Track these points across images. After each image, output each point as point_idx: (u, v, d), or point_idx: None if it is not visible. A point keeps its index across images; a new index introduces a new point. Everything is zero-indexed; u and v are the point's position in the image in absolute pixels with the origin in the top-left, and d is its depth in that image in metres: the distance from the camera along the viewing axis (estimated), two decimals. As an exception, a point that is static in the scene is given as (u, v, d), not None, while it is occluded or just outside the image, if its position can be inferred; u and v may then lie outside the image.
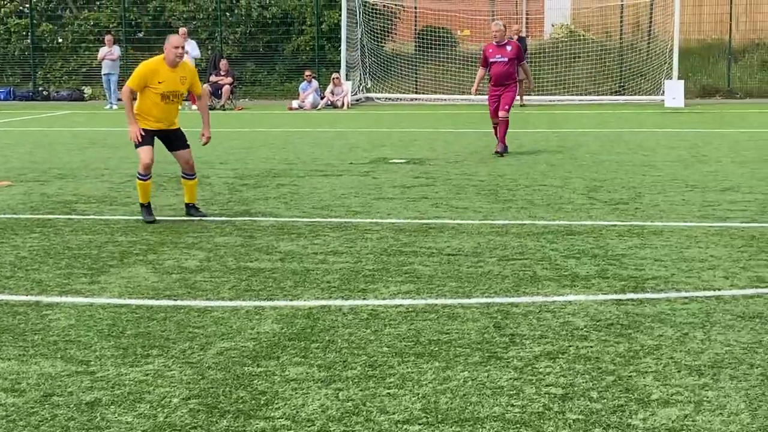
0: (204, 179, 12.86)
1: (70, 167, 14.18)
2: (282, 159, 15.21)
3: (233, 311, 6.52)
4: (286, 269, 7.72)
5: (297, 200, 11.12)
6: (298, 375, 5.23)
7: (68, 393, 4.99)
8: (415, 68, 31.25)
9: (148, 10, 32.45)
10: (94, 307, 6.64)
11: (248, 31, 32.06)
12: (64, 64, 33.04)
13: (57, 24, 33.31)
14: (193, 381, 5.15)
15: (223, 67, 28.15)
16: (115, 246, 8.65)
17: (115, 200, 11.24)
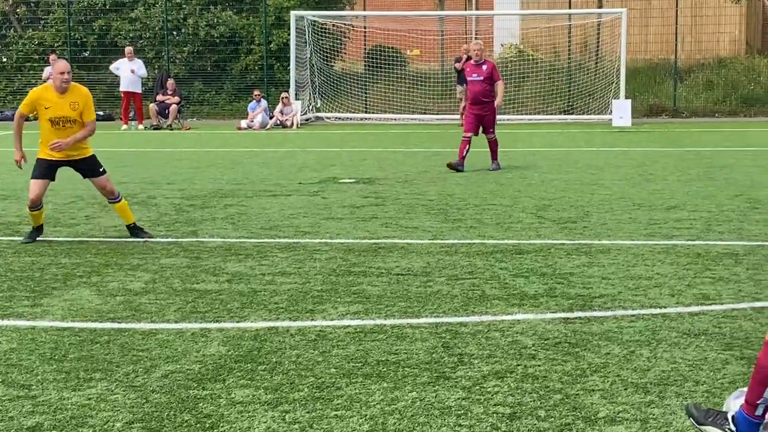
0: (150, 200, 12.74)
1: (12, 188, 13.97)
2: (230, 179, 15.12)
3: (178, 333, 6.44)
4: (233, 291, 7.65)
5: (245, 221, 11.04)
6: (244, 398, 5.16)
7: (9, 418, 4.88)
8: (364, 88, 31.30)
9: (93, 29, 32.20)
10: (36, 331, 6.51)
11: (196, 51, 31.92)
12: (8, 83, 32.66)
13: (1, 43, 32.94)
14: (137, 405, 5.06)
15: (170, 87, 27.99)
16: (58, 268, 8.51)
17: (58, 221, 11.08)
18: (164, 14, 31.58)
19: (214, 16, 31.66)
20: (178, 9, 31.91)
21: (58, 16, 32.61)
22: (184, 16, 31.90)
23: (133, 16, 32.00)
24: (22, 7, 33.49)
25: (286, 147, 21.42)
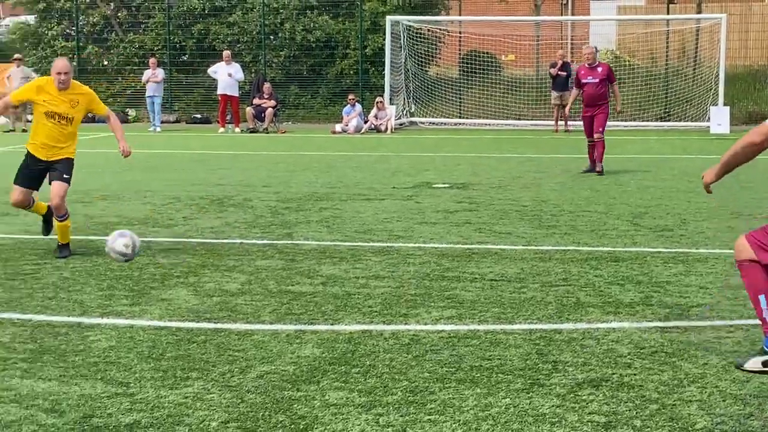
0: (246, 202, 12.90)
1: (113, 189, 14.27)
2: (325, 182, 15.23)
3: (273, 335, 6.50)
4: (327, 293, 7.70)
5: (339, 224, 11.11)
6: (338, 400, 5.19)
7: (108, 414, 4.98)
8: (459, 92, 31.23)
9: (192, 33, 32.73)
10: (134, 329, 6.64)
11: (292, 55, 32.22)
12: (109, 86, 33.37)
13: (103, 47, 33.70)
14: (233, 404, 5.12)
15: (267, 91, 28.30)
16: (156, 268, 8.67)
17: (156, 222, 11.28)
18: (262, 18, 31.96)
19: (311, 21, 31.93)
20: (276, 13, 32.27)
21: (158, 21, 33.23)
22: (281, 20, 32.24)
23: (231, 20, 32.44)
24: (124, 12, 34.21)
25: (380, 151, 21.49)
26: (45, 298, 7.54)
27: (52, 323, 6.78)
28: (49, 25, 33.83)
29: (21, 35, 34.52)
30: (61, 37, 33.72)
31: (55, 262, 8.93)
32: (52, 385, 5.44)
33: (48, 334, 6.49)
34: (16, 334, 6.49)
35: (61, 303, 7.38)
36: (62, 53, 33.30)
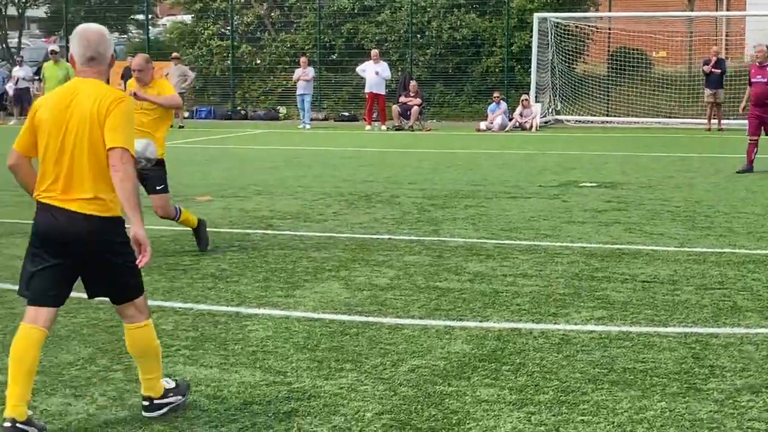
0: (393, 198, 13.03)
1: (266, 184, 14.61)
2: (470, 180, 15.25)
3: (423, 330, 6.57)
4: (475, 290, 7.73)
5: (485, 222, 11.12)
6: (489, 396, 5.22)
7: (266, 402, 5.14)
8: (606, 90, 30.78)
9: (342, 32, 33.17)
10: (290, 320, 6.82)
11: (438, 53, 32.32)
12: (261, 84, 34.12)
13: (256, 46, 34.46)
14: (386, 396, 5.22)
15: (413, 89, 28.47)
16: (309, 261, 8.85)
17: (308, 217, 11.51)
18: (410, 17, 32.16)
19: (458, 19, 31.96)
20: (423, 12, 32.42)
21: (309, 20, 33.79)
22: (429, 19, 32.38)
23: (380, 19, 32.75)
24: (277, 12, 34.92)
25: (526, 149, 21.38)
26: (204, 288, 7.80)
27: (212, 312, 7.02)
28: (205, 24, 34.78)
29: (178, 34, 35.60)
30: (217, 37, 34.62)
31: (213, 253, 9.22)
32: (214, 372, 5.64)
33: (208, 323, 6.72)
34: (179, 322, 6.74)
35: (220, 293, 7.62)
36: (217, 52, 34.24)
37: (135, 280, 4.81)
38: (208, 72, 34.42)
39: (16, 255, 9.06)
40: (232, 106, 33.65)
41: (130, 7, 41.74)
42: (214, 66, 34.45)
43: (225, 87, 34.46)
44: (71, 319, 6.77)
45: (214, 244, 9.62)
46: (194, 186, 14.36)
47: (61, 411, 5.00)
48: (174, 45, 35.38)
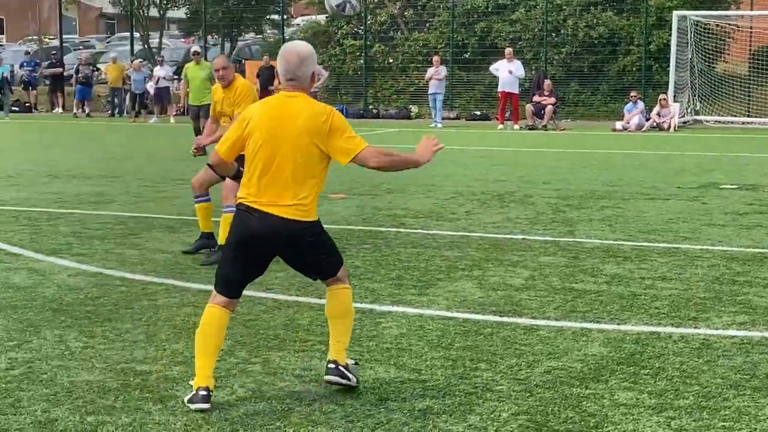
0: (527, 198, 12.94)
1: (398, 182, 14.68)
2: (605, 180, 15.04)
3: (559, 331, 6.52)
4: (612, 292, 7.62)
5: (622, 223, 10.95)
6: (627, 400, 5.15)
7: (402, 399, 5.17)
8: (748, 90, 29.92)
9: (475, 31, 33.09)
10: (423, 318, 6.84)
11: (573, 52, 31.95)
12: (393, 83, 34.32)
13: (389, 45, 34.68)
14: (522, 397, 5.19)
15: (547, 88, 28.22)
16: (441, 260, 8.87)
17: (440, 216, 11.53)
18: (545, 15, 31.88)
19: (594, 17, 31.54)
20: (559, 10, 32.10)
21: (442, 19, 33.84)
22: (564, 17, 32.05)
23: (514, 17, 32.56)
24: (410, 11, 35.07)
25: (663, 150, 20.95)
26: (339, 284, 7.88)
27: (349, 309, 7.09)
28: (339, 24, 35.16)
29: (312, 34, 36.10)
30: (350, 36, 34.97)
31: (346, 251, 9.30)
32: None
33: (344, 319, 6.80)
34: (314, 317, 6.83)
35: (354, 290, 7.64)
36: (350, 51, 34.59)
37: (335, 258, 5.34)
38: (340, 71, 34.80)
39: (157, 248, 9.34)
40: (364, 105, 33.94)
41: (265, 8, 42.50)
42: (347, 65, 34.81)
43: (357, 86, 34.79)
44: (212, 311, 6.94)
45: (347, 241, 9.72)
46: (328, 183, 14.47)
47: (202, 401, 5.13)
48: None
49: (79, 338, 6.26)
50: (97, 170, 16.30)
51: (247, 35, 44.74)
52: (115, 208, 11.96)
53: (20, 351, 5.97)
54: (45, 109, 35.84)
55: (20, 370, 5.59)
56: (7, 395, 5.17)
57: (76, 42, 51.36)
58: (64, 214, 11.52)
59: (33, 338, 6.26)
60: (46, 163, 17.37)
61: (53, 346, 6.09)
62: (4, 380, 5.41)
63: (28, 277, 8.07)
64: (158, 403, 5.09)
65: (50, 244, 9.57)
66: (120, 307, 7.08)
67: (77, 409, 4.97)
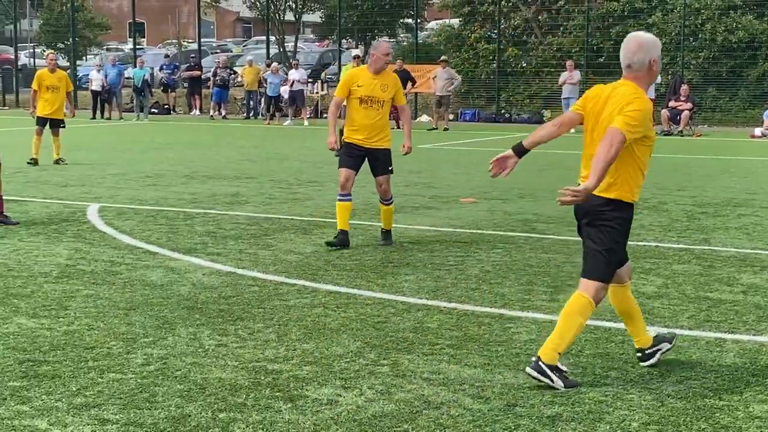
0: (661, 205, 12.70)
1: (530, 187, 14.58)
2: (743, 188, 14.63)
3: (693, 341, 6.38)
4: (748, 302, 7.42)
5: (760, 231, 10.64)
6: (763, 413, 5.00)
7: (530, 405, 5.14)
8: None
9: (610, 35, 32.62)
10: (553, 324, 6.74)
11: (711, 56, 31.18)
12: (526, 87, 34.09)
13: (522, 49, 34.47)
14: (653, 407, 5.10)
15: (684, 93, 27.61)
16: (573, 266, 8.75)
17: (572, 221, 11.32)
18: (682, 19, 31.21)
19: (733, 21, 30.72)
20: (696, 14, 31.39)
21: (577, 23, 33.46)
22: (702, 21, 31.31)
23: (651, 21, 31.95)
24: (544, 14, 34.78)
25: (805, 157, 20.27)
26: (468, 288, 7.89)
27: (476, 313, 7.09)
28: (472, 27, 35.11)
29: (445, 38, 36.14)
30: (483, 40, 34.88)
31: (476, 255, 9.30)
32: (478, 372, 5.69)
33: (472, 323, 6.79)
34: (443, 321, 6.85)
35: (484, 294, 7.68)
36: (483, 55, 34.50)
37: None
38: (473, 75, 34.73)
39: (290, 249, 9.49)
40: (497, 109, 33.79)
41: (399, 11, 42.75)
42: (480, 69, 34.72)
43: (490, 90, 34.66)
44: (341, 313, 7.02)
45: (477, 245, 9.70)
46: (458, 187, 14.55)
47: (331, 401, 5.19)
48: (441, 48, 35.95)
49: (212, 336, 6.41)
50: (232, 171, 16.66)
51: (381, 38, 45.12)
52: (249, 209, 12.21)
53: (155, 347, 6.15)
54: (183, 111, 36.80)
55: (155, 366, 5.75)
56: (143, 390, 5.34)
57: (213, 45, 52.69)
58: (199, 213, 11.82)
59: (168, 335, 6.44)
60: (184, 164, 17.85)
61: (187, 343, 6.26)
62: (140, 375, 5.59)
63: (164, 275, 8.31)
64: (288, 402, 5.17)
65: (186, 243, 9.83)
66: (252, 307, 7.22)
67: (209, 406, 5.10)
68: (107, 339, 6.32)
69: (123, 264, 8.73)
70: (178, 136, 25.75)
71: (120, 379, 5.51)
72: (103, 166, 17.42)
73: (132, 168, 17.07)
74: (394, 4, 41.67)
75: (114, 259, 8.93)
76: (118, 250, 9.38)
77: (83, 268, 8.54)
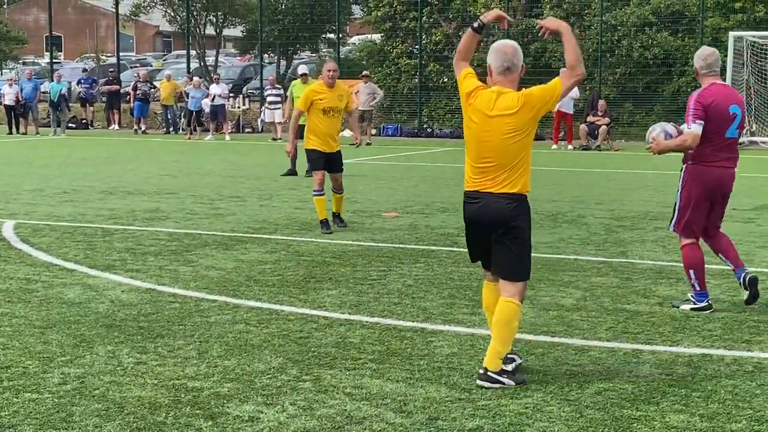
0: (579, 218, 12.88)
1: (452, 201, 14.67)
2: (660, 201, 14.90)
3: (611, 352, 6.48)
4: (664, 314, 7.56)
5: (675, 244, 10.78)
6: (679, 423, 5.10)
7: (452, 418, 5.16)
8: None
9: (529, 51, 33.01)
10: (475, 338, 6.83)
11: (628, 72, 31.77)
12: (448, 102, 34.34)
13: (444, 64, 34.73)
14: (572, 418, 5.16)
15: (601, 108, 28.07)
16: (494, 280, 8.83)
17: (493, 235, 11.47)
18: (599, 36, 31.75)
19: (649, 38, 31.33)
20: (613, 30, 31.95)
21: (498, 38, 33.79)
22: (619, 37, 31.87)
23: (568, 38, 32.45)
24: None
25: (719, 171, 20.70)
26: (391, 303, 7.91)
27: (398, 327, 7.11)
28: (394, 43, 35.28)
29: (368, 53, 36.26)
30: (405, 55, 35.07)
31: (399, 269, 9.33)
32: (400, 386, 5.71)
33: (394, 338, 6.81)
34: (365, 335, 6.85)
35: (406, 308, 7.71)
36: (405, 71, 34.68)
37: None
38: (395, 90, 34.88)
39: (211, 265, 9.42)
40: (419, 124, 33.97)
41: (321, 27, 42.79)
42: (402, 84, 34.89)
43: (412, 105, 34.85)
44: (263, 329, 6.99)
45: (399, 260, 9.74)
46: (381, 202, 14.59)
47: (253, 417, 5.16)
48: (363, 63, 36.05)
49: (132, 354, 6.33)
50: (152, 186, 16.49)
51: (303, 53, 45.07)
52: (170, 225, 12.09)
53: (73, 366, 6.05)
54: (102, 125, 36.35)
55: (73, 385, 5.66)
56: (60, 410, 5.25)
57: (132, 59, 52.11)
58: (118, 230, 11.67)
59: (86, 354, 6.34)
60: (102, 180, 17.61)
61: (105, 361, 6.17)
62: (57, 395, 5.49)
63: (81, 292, 8.18)
64: (209, 419, 5.13)
65: (104, 259, 9.70)
66: (172, 324, 7.15)
67: (128, 425, 5.03)
68: (23, 358, 6.20)
69: (39, 281, 8.58)
70: (97, 151, 25.40)
71: (36, 398, 5.41)
72: (19, 182, 17.11)
73: (48, 184, 16.80)
74: (316, 19, 41.71)
75: (30, 277, 8.77)
76: (33, 267, 9.22)
77: (-2, 286, 8.38)
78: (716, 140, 7.68)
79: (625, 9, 31.94)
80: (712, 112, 7.64)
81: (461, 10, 34.38)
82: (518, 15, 33.79)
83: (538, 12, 33.26)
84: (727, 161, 7.82)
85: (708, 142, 7.66)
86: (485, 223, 5.81)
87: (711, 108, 7.65)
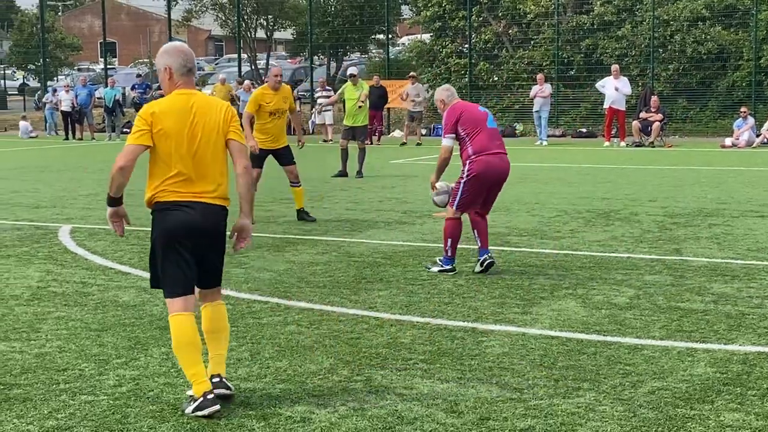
0: (632, 216, 12.77)
1: (502, 200, 14.58)
2: (714, 198, 14.74)
3: (664, 351, 6.41)
4: (719, 311, 7.47)
5: (731, 241, 10.72)
6: (734, 422, 5.04)
7: (503, 418, 5.15)
8: None
9: (580, 48, 32.82)
10: (526, 337, 6.80)
11: (681, 68, 31.43)
12: (498, 101, 34.21)
13: (494, 63, 34.62)
14: (625, 418, 5.12)
15: (654, 104, 27.80)
16: (545, 279, 8.81)
17: (545, 234, 11.45)
18: (651, 31, 31.45)
19: (702, 32, 30.98)
20: (666, 26, 31.63)
21: (547, 36, 33.64)
22: (671, 32, 31.55)
23: (620, 34, 32.16)
24: (515, 29, 34.95)
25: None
26: (441, 303, 7.90)
27: (449, 327, 7.11)
28: (443, 43, 35.24)
29: (417, 53, 36.24)
30: (455, 55, 35.02)
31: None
32: (451, 386, 5.71)
33: (445, 338, 6.81)
34: (416, 336, 6.86)
35: (457, 308, 7.70)
36: (455, 70, 34.62)
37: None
38: (446, 90, 34.77)
39: (263, 267, 9.48)
40: (470, 124, 33.84)
41: (370, 27, 42.86)
42: (452, 84, 34.76)
43: (462, 104, 34.72)
44: (314, 330, 7.02)
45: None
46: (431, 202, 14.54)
47: (304, 418, 5.19)
48: (413, 63, 36.04)
49: (186, 355, 6.38)
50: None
51: (353, 55, 45.20)
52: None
53: (128, 368, 6.13)
54: (156, 130, 36.65)
55: (127, 387, 5.73)
56: (115, 411, 5.31)
57: (185, 64, 52.47)
58: (172, 233, 11.76)
59: (140, 356, 6.42)
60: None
61: (160, 363, 6.23)
62: (112, 396, 5.56)
63: (136, 295, 8.27)
64: (261, 420, 5.16)
65: (159, 262, 9.78)
66: (225, 325, 7.19)
67: (182, 426, 5.08)
68: (79, 361, 6.29)
69: (95, 285, 8.69)
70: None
71: (92, 401, 5.49)
72: (75, 186, 17.35)
73: (104, 188, 16.95)
74: (365, 20, 41.79)
75: (86, 281, 8.89)
76: (89, 271, 9.34)
77: (55, 289, 8.50)
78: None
79: (677, 4, 31.58)
80: None
81: (511, 8, 34.21)
82: (568, 11, 33.57)
83: (588, 8, 33.00)
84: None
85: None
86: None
87: None
